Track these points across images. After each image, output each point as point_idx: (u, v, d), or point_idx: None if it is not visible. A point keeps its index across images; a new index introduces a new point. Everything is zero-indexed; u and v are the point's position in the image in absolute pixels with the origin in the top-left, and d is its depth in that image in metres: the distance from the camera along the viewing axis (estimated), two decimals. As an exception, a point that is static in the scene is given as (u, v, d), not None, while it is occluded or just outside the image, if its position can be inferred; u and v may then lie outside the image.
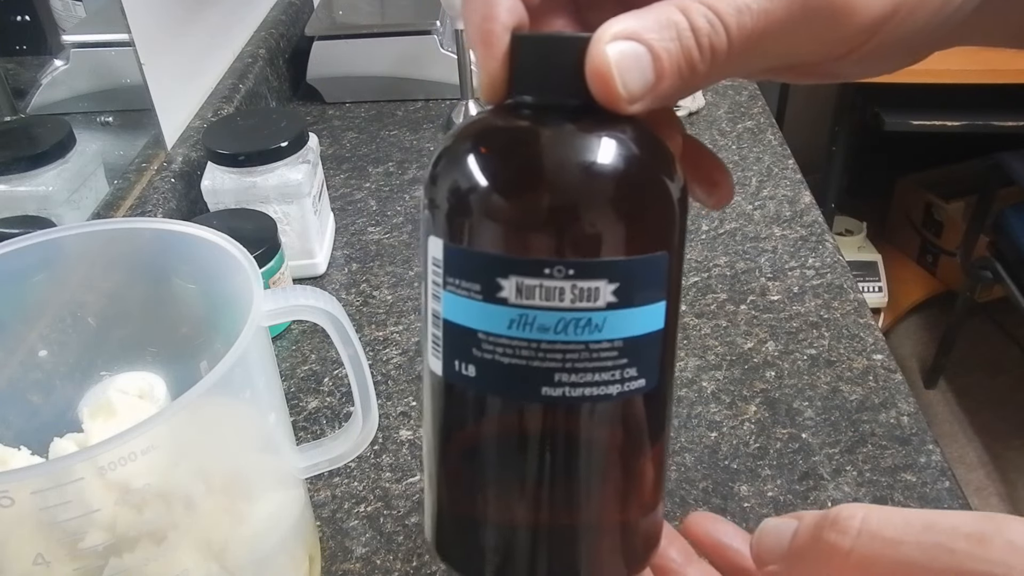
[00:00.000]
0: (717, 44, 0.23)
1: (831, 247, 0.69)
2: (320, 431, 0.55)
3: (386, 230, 0.75)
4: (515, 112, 0.26)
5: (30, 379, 0.41)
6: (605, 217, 0.24)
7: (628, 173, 0.24)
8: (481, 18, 0.25)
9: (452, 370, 0.26)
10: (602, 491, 0.27)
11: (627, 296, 0.24)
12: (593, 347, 0.24)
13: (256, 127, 0.67)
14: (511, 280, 0.24)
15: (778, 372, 0.57)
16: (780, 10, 0.23)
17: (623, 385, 0.25)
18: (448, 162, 0.26)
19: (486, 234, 0.24)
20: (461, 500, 0.28)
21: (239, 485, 0.37)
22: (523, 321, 0.24)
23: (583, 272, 0.24)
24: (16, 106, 0.65)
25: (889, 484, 0.48)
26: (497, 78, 0.25)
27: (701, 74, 0.23)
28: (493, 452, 0.27)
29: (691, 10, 0.23)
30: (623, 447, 0.27)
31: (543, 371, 0.24)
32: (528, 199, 0.24)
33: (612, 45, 0.23)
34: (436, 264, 0.25)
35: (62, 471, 0.29)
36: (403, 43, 0.95)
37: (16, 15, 0.65)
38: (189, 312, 0.42)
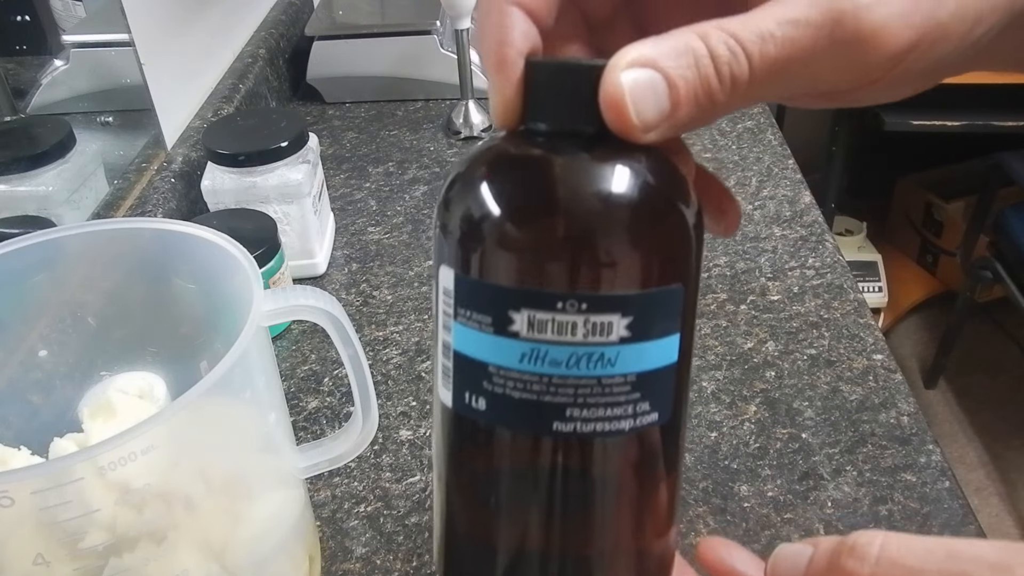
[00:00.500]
0: (738, 73, 0.22)
1: (831, 247, 0.69)
2: (320, 431, 0.55)
3: (386, 230, 0.75)
4: (529, 139, 0.25)
5: (30, 379, 0.41)
6: (619, 251, 0.23)
7: (644, 205, 0.24)
8: (495, 43, 0.25)
9: (462, 402, 0.25)
10: (613, 523, 0.27)
11: (641, 330, 0.24)
12: (606, 382, 0.24)
13: (256, 127, 0.67)
14: (523, 313, 0.23)
15: (778, 372, 0.57)
16: (806, 39, 0.22)
17: (636, 420, 0.24)
18: (461, 189, 0.25)
19: (497, 266, 0.24)
20: (471, 529, 0.28)
21: (239, 485, 0.37)
22: (535, 355, 0.23)
23: (596, 306, 0.23)
24: (16, 106, 0.65)
25: (889, 484, 0.48)
26: (512, 104, 0.25)
27: (720, 103, 0.23)
28: (504, 484, 0.26)
29: (711, 37, 0.22)
30: (635, 479, 0.27)
31: (554, 406, 0.24)
32: (540, 231, 0.24)
33: (627, 73, 0.22)
34: (447, 294, 0.25)
35: (62, 471, 0.29)
36: (403, 43, 0.95)
37: (16, 15, 0.65)
38: (189, 312, 0.42)
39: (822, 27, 0.22)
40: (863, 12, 0.22)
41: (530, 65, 0.25)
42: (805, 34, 0.22)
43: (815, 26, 0.22)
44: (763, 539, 0.46)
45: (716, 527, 0.46)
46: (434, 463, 0.29)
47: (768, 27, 0.22)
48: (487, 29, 0.25)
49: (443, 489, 0.28)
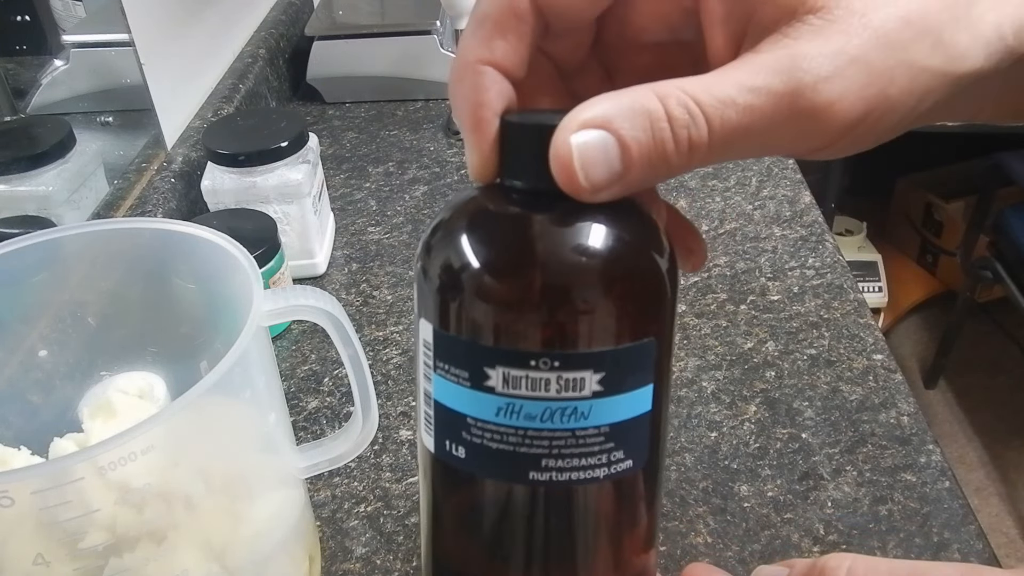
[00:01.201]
0: (696, 138, 0.22)
1: (831, 247, 0.69)
2: (320, 431, 0.55)
3: (386, 230, 0.75)
4: (505, 195, 0.26)
5: (30, 379, 0.41)
6: (591, 310, 0.24)
7: (615, 264, 0.24)
8: (472, 104, 0.25)
9: (443, 449, 0.26)
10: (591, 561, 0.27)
11: (613, 384, 0.24)
12: (579, 434, 0.24)
13: (256, 127, 0.67)
14: (497, 370, 0.24)
15: (778, 372, 0.57)
16: (766, 108, 0.22)
17: (610, 468, 0.25)
18: (439, 244, 0.26)
19: (473, 323, 0.25)
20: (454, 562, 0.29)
21: (239, 485, 0.37)
22: (510, 409, 0.24)
23: (568, 364, 0.24)
24: (16, 106, 0.65)
25: (889, 484, 0.48)
26: (488, 161, 0.26)
27: (675, 165, 0.23)
28: (484, 525, 0.27)
29: (669, 98, 0.22)
30: (611, 521, 0.27)
31: (530, 456, 0.25)
32: (513, 292, 0.24)
33: (577, 135, 0.22)
34: (427, 347, 0.26)
35: (62, 471, 0.29)
36: (403, 43, 0.95)
37: (16, 15, 0.65)
38: (189, 312, 0.42)
39: (783, 97, 0.22)
40: (822, 84, 0.22)
41: (504, 125, 0.25)
42: (766, 103, 0.22)
43: (776, 95, 0.22)
44: (763, 539, 0.46)
45: (716, 527, 0.46)
46: (420, 498, 0.30)
47: (729, 92, 0.22)
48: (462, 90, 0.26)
49: (428, 524, 0.29)
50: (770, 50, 0.23)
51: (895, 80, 0.23)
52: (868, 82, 0.22)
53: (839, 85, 0.22)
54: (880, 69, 0.22)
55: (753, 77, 0.22)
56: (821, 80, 0.22)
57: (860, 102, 0.22)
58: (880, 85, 0.23)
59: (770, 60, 0.22)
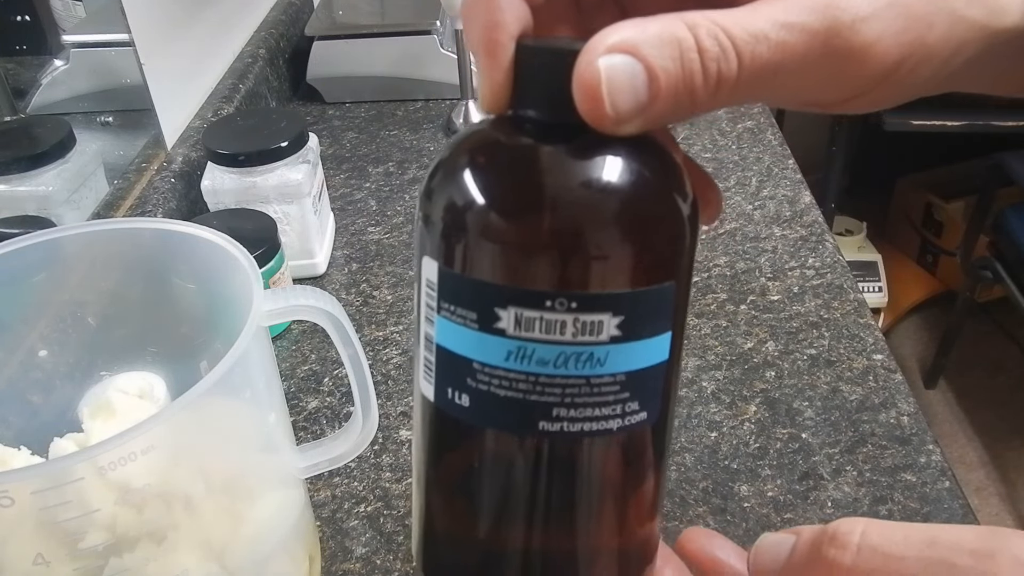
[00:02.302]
0: (725, 72, 0.21)
1: (831, 247, 0.69)
2: (320, 431, 0.55)
3: (386, 230, 0.75)
4: (517, 127, 0.24)
5: (30, 379, 0.41)
6: (612, 248, 0.22)
7: (639, 200, 0.23)
8: (485, 25, 0.23)
9: (445, 398, 0.25)
10: (598, 520, 0.26)
11: (632, 329, 0.23)
12: (594, 381, 0.23)
13: (256, 127, 0.67)
14: (509, 311, 0.22)
15: (778, 372, 0.57)
16: (799, 45, 0.21)
17: (624, 419, 0.24)
18: (445, 178, 0.24)
19: (483, 260, 0.23)
20: (451, 524, 0.27)
21: (239, 485, 0.37)
22: (521, 353, 0.23)
23: (586, 305, 0.22)
24: (16, 106, 0.65)
25: (889, 484, 0.48)
26: (500, 89, 0.24)
27: (700, 102, 0.22)
28: (486, 481, 0.26)
29: (700, 28, 0.21)
30: (622, 477, 0.26)
31: (541, 405, 0.23)
32: (529, 226, 0.23)
33: (605, 58, 0.21)
34: (430, 287, 0.24)
35: (62, 471, 0.29)
36: (403, 43, 0.95)
37: (16, 15, 0.65)
38: (189, 312, 0.42)
39: (817, 35, 0.21)
40: (860, 24, 0.21)
41: (521, 49, 0.23)
42: (799, 40, 0.21)
43: (810, 33, 0.21)
44: (763, 539, 0.46)
45: (716, 527, 0.46)
46: (413, 457, 0.28)
47: (762, 27, 0.21)
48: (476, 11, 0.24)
49: (422, 484, 0.28)
50: None
51: (933, 27, 0.22)
52: (906, 26, 0.21)
53: (877, 26, 0.21)
54: (919, 13, 0.22)
55: (787, 13, 0.21)
56: (859, 20, 0.21)
57: (897, 47, 0.22)
58: (918, 30, 0.22)
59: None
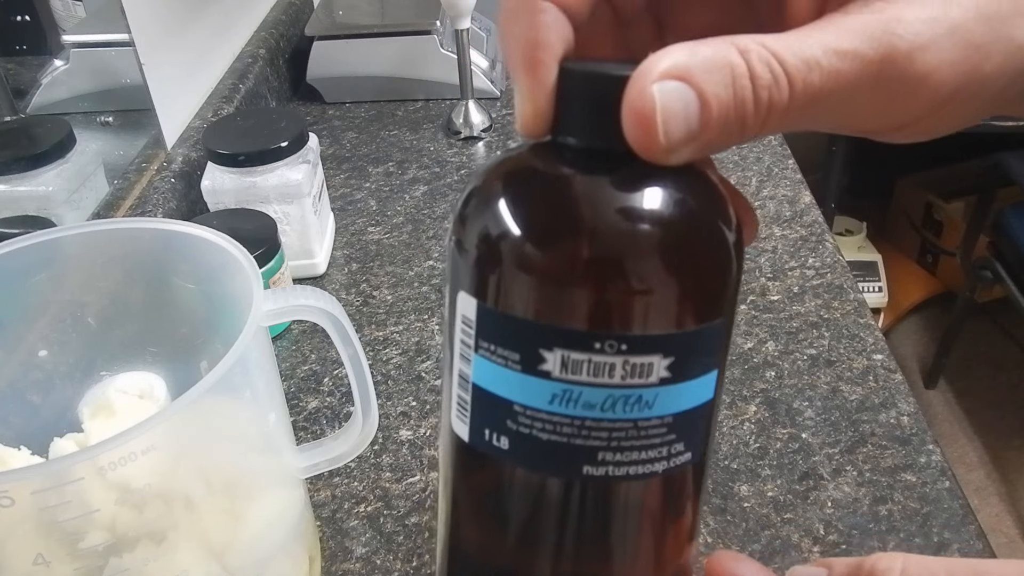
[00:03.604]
0: (776, 100, 0.20)
1: (831, 247, 0.69)
2: (320, 431, 0.55)
3: (386, 230, 0.75)
4: (560, 155, 0.23)
5: (30, 379, 0.41)
6: (666, 285, 0.21)
7: (692, 234, 0.22)
8: (527, 43, 0.22)
9: (481, 439, 0.23)
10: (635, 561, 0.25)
11: (681, 370, 0.22)
12: (641, 424, 0.22)
13: (256, 127, 0.67)
14: (556, 353, 0.21)
15: (778, 372, 0.57)
16: (852, 73, 0.20)
17: (669, 462, 0.23)
18: (483, 207, 0.23)
19: (528, 297, 0.22)
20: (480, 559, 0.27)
21: (239, 485, 0.37)
22: (567, 397, 0.22)
23: (637, 347, 0.21)
24: (16, 106, 0.65)
25: (889, 484, 0.48)
26: (543, 113, 0.22)
27: (750, 128, 0.21)
28: (523, 524, 0.25)
29: (751, 53, 0.20)
30: (662, 518, 0.25)
31: (586, 449, 0.22)
32: (579, 261, 0.21)
33: (659, 85, 0.20)
34: (467, 323, 0.23)
35: (62, 471, 0.29)
36: (403, 43, 0.95)
37: (16, 15, 0.65)
38: (189, 312, 0.42)
39: (872, 64, 0.20)
40: (918, 53, 0.20)
41: (565, 72, 0.22)
42: (852, 67, 0.20)
43: (864, 61, 0.20)
44: (763, 539, 0.46)
45: (716, 527, 0.46)
46: (441, 488, 0.27)
47: (814, 53, 0.20)
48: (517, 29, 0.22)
49: (450, 522, 0.27)
50: (860, 12, 0.21)
51: (991, 56, 0.21)
52: (964, 56, 0.21)
53: (935, 56, 0.20)
54: (979, 43, 0.21)
55: (840, 39, 0.20)
56: (917, 48, 0.20)
57: (954, 77, 0.21)
58: (976, 60, 0.21)
59: (860, 23, 0.20)
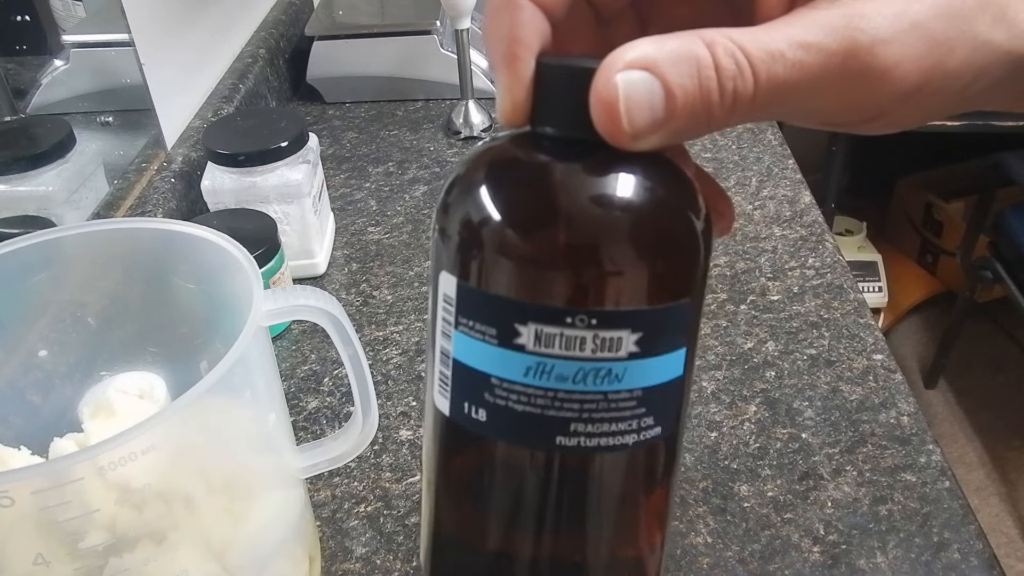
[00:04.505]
0: (741, 90, 0.21)
1: (831, 247, 0.69)
2: (320, 431, 0.55)
3: (386, 230, 0.75)
4: (536, 143, 0.24)
5: (30, 379, 0.41)
6: (633, 265, 0.23)
7: (660, 219, 0.23)
8: (506, 40, 0.24)
9: (460, 412, 0.25)
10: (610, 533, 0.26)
11: (650, 346, 0.23)
12: (612, 397, 0.23)
13: (256, 127, 0.67)
14: (530, 327, 0.23)
15: (778, 372, 0.57)
16: (816, 65, 0.21)
17: (639, 434, 0.24)
18: (465, 193, 0.24)
19: (504, 276, 0.23)
20: (462, 536, 0.28)
21: (239, 485, 0.37)
22: (540, 369, 0.23)
23: (606, 322, 0.22)
24: (16, 106, 0.65)
25: (889, 484, 0.48)
26: (521, 105, 0.24)
27: (716, 119, 0.22)
28: (500, 494, 0.26)
29: (717, 46, 0.21)
30: (634, 491, 0.26)
31: (559, 420, 0.23)
32: (553, 243, 0.23)
33: (623, 74, 0.21)
34: (448, 302, 0.24)
35: (62, 471, 0.29)
36: (403, 43, 0.95)
37: (16, 15, 0.65)
38: (189, 312, 0.42)
39: (835, 55, 0.21)
40: (880, 47, 0.21)
41: (541, 66, 0.24)
42: (816, 60, 0.21)
43: (828, 53, 0.21)
44: (763, 539, 0.46)
45: (716, 527, 0.46)
46: (424, 467, 0.28)
47: (779, 46, 0.21)
48: (498, 23, 0.24)
49: (433, 496, 0.28)
50: (826, 7, 0.21)
51: (954, 51, 0.21)
52: (927, 51, 0.21)
53: (897, 50, 0.21)
54: (940, 38, 0.21)
55: (804, 32, 0.21)
56: (879, 42, 0.21)
57: (917, 71, 0.21)
58: (938, 55, 0.21)
59: (825, 17, 0.21)
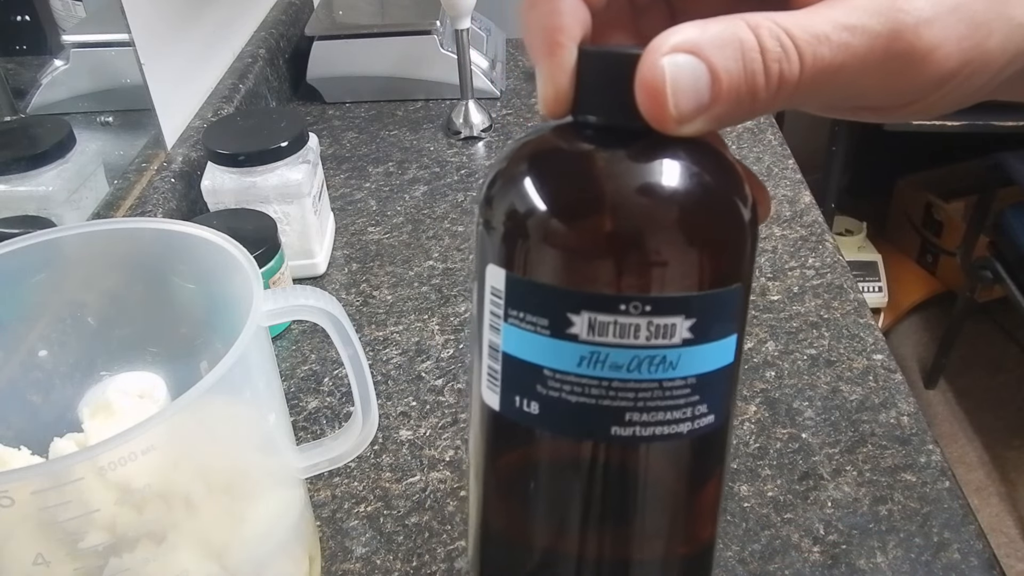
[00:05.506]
0: (787, 72, 0.21)
1: (831, 247, 0.69)
2: (320, 431, 0.55)
3: (386, 230, 0.75)
4: (580, 133, 0.24)
5: (30, 379, 0.41)
6: (687, 251, 0.23)
7: (710, 203, 0.23)
8: (547, 28, 0.24)
9: (511, 406, 0.25)
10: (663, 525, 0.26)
11: (703, 332, 0.23)
12: (666, 385, 0.23)
13: (256, 127, 0.67)
14: (583, 316, 0.22)
15: (778, 372, 0.57)
16: (861, 48, 0.21)
17: (693, 423, 0.24)
18: (511, 185, 0.24)
19: (556, 266, 0.23)
20: (512, 530, 0.27)
21: (239, 485, 0.37)
22: (594, 359, 0.23)
23: (660, 308, 0.22)
24: (16, 106, 0.65)
25: (889, 484, 0.48)
26: (563, 94, 0.24)
27: (761, 102, 0.22)
28: (555, 488, 0.26)
29: (762, 28, 0.21)
30: (687, 481, 0.26)
31: (614, 410, 0.23)
32: (606, 231, 0.23)
33: (669, 58, 0.21)
34: (496, 294, 0.24)
35: (62, 471, 0.29)
36: (403, 43, 0.95)
37: (16, 15, 0.65)
38: (189, 312, 0.42)
39: (879, 37, 0.21)
40: (924, 28, 0.21)
41: (583, 54, 0.23)
42: (861, 42, 0.21)
43: (872, 35, 0.21)
44: (763, 539, 0.46)
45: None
46: (471, 463, 0.28)
47: (823, 29, 0.21)
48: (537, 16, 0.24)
49: (481, 490, 0.27)
50: None
51: (993, 33, 0.22)
52: (967, 32, 0.21)
53: (940, 31, 0.21)
54: (980, 19, 0.21)
55: (848, 15, 0.21)
56: (923, 23, 0.21)
57: (958, 52, 0.21)
58: (979, 37, 0.21)
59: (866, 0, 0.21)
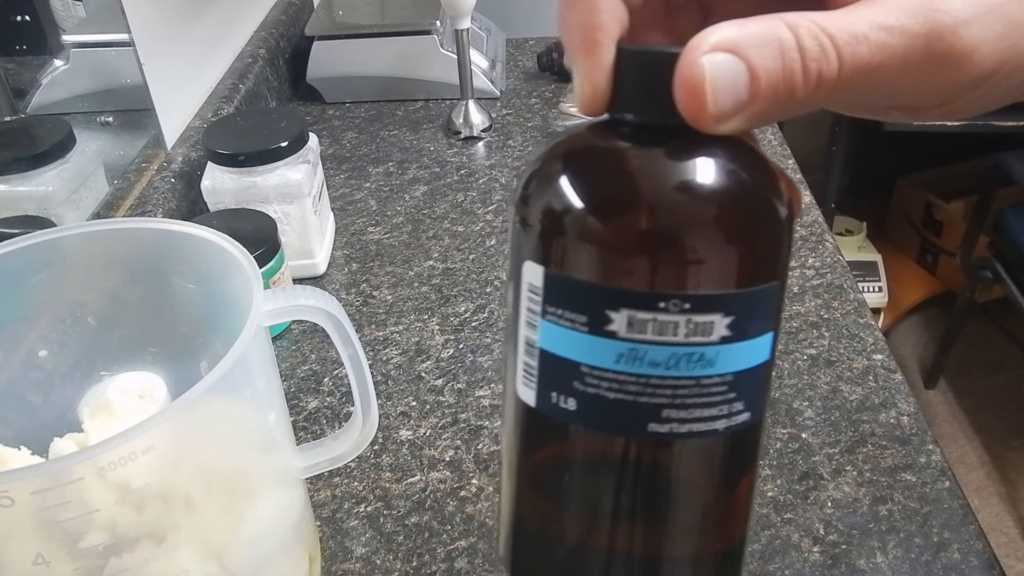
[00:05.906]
0: (825, 72, 0.21)
1: (831, 247, 0.69)
2: (320, 431, 0.55)
3: (386, 230, 0.75)
4: (617, 131, 0.24)
5: (30, 379, 0.41)
6: (726, 248, 0.23)
7: (749, 201, 0.23)
8: (586, 26, 0.24)
9: (548, 402, 0.25)
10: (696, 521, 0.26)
11: (740, 329, 0.23)
12: (704, 382, 0.23)
13: (256, 127, 0.67)
14: (622, 313, 0.23)
15: (778, 372, 0.57)
16: (900, 47, 0.21)
17: (730, 420, 0.24)
18: (550, 181, 0.24)
19: (595, 263, 0.23)
20: (546, 525, 0.27)
21: (239, 485, 0.37)
22: (632, 355, 0.23)
23: (699, 306, 0.23)
24: (16, 106, 0.65)
25: (889, 484, 0.48)
26: (601, 91, 0.24)
27: (798, 101, 0.22)
28: (591, 484, 0.26)
29: (800, 28, 0.21)
30: (721, 478, 0.26)
31: (651, 407, 0.23)
32: (646, 229, 0.23)
33: (708, 56, 0.21)
34: (533, 291, 0.24)
35: (62, 471, 0.29)
36: (403, 43, 0.95)
37: (16, 15, 0.65)
38: (189, 312, 0.42)
39: (918, 37, 0.21)
40: (962, 28, 0.21)
41: (621, 52, 0.24)
42: (899, 42, 0.21)
43: (910, 35, 0.21)
44: (763, 539, 0.46)
45: (716, 527, 0.46)
46: (504, 459, 0.28)
47: (861, 29, 0.21)
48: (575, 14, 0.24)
49: (514, 486, 0.28)
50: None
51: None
52: (1004, 32, 0.21)
53: (977, 32, 0.21)
54: (1016, 20, 0.22)
55: (886, 15, 0.21)
56: (961, 23, 0.21)
57: (996, 53, 0.22)
58: (1015, 37, 0.22)
59: (903, 1, 0.21)
